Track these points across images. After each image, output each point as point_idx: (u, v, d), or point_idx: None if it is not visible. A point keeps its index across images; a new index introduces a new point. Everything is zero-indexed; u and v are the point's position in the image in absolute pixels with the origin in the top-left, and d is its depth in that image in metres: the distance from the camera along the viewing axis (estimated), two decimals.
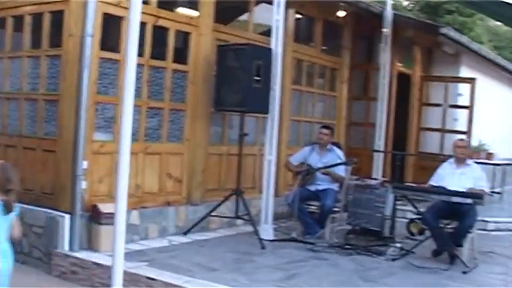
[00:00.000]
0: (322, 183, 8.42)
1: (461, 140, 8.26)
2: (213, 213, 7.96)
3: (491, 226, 10.05)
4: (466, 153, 7.88)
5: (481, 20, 27.02)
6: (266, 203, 8.05)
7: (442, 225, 7.40)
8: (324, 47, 10.86)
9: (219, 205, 7.94)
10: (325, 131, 8.64)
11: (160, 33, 7.50)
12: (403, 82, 12.04)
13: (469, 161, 7.93)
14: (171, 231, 7.72)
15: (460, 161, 7.83)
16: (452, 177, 7.69)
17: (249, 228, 7.92)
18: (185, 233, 7.78)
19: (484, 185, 7.64)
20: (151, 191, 7.54)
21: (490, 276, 6.82)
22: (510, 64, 16.31)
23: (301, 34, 10.34)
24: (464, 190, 7.36)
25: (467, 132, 11.78)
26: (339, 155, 8.60)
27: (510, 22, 8.94)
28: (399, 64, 12.00)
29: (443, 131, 12.32)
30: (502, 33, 30.39)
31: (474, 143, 12.78)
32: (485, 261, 7.55)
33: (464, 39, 12.15)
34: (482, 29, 29.10)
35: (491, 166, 13.01)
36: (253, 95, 7.66)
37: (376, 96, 11.30)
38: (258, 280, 5.89)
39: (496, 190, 12.97)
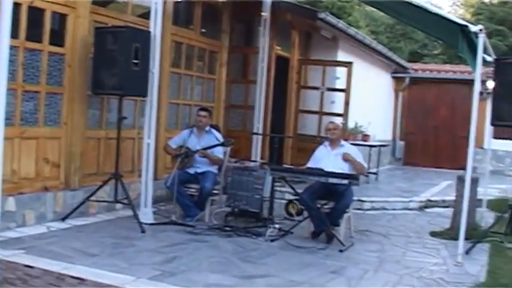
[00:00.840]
0: (201, 166, 8.48)
1: (332, 122, 8.49)
2: (91, 198, 7.85)
3: (367, 205, 10.50)
4: (337, 134, 8.13)
5: (359, 5, 27.76)
6: (145, 187, 8.01)
7: (319, 206, 7.64)
8: (203, 30, 10.88)
9: (97, 189, 7.84)
10: (203, 113, 8.69)
11: (36, 14, 7.26)
12: (281, 65, 12.27)
13: (343, 142, 8.22)
14: (49, 218, 7.54)
15: (334, 142, 8.09)
16: (328, 159, 7.93)
17: (129, 212, 7.88)
18: (63, 219, 7.62)
19: (361, 161, 7.95)
20: (28, 177, 7.33)
21: (365, 254, 7.11)
22: (386, 49, 16.95)
23: (180, 17, 10.32)
24: (340, 171, 7.64)
25: (344, 115, 12.21)
26: (217, 137, 8.68)
27: (388, 11, 9.31)
28: (278, 47, 12.21)
29: (321, 113, 12.68)
30: (379, 18, 31.32)
31: (351, 125, 13.26)
32: (361, 240, 7.88)
33: (341, 24, 12.49)
34: (360, 14, 29.89)
35: (367, 147, 13.56)
36: (131, 78, 7.58)
37: (255, 79, 11.47)
38: (139, 264, 5.88)
39: (372, 171, 13.55)
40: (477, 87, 6.84)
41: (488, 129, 7.99)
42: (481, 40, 6.65)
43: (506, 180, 14.45)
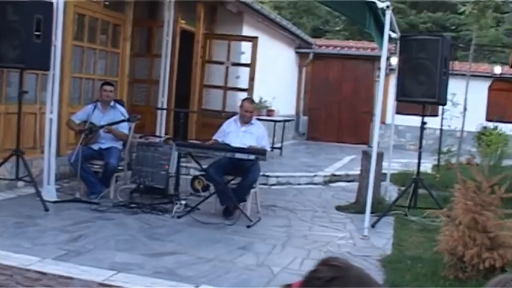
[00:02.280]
0: (105, 142, 8.33)
1: (249, 102, 8.43)
2: None
3: (272, 181, 10.58)
4: (250, 116, 8.14)
5: None
6: (48, 163, 7.76)
7: (226, 181, 7.66)
8: (107, 3, 10.60)
9: None
10: (108, 87, 8.50)
11: None
12: (186, 39, 12.15)
13: (254, 120, 8.25)
14: None
15: (245, 119, 8.10)
16: (237, 135, 7.96)
17: (31, 190, 7.64)
18: None
19: (265, 144, 8.02)
20: None
21: (273, 229, 7.19)
22: (290, 24, 17.06)
23: None
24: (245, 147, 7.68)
25: (249, 90, 12.22)
26: (122, 112, 8.52)
27: None
28: (183, 21, 12.07)
29: (225, 88, 12.66)
30: None
31: (255, 100, 13.30)
32: (268, 215, 7.96)
33: None
34: None
35: (272, 123, 13.67)
36: (33, 50, 7.30)
37: (160, 53, 11.28)
38: (43, 244, 5.72)
39: (277, 146, 13.68)
40: (383, 63, 6.98)
41: (392, 104, 8.18)
42: (388, 16, 6.78)
43: (407, 154, 14.90)
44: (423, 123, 7.99)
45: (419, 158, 8.19)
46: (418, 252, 6.28)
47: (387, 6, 6.79)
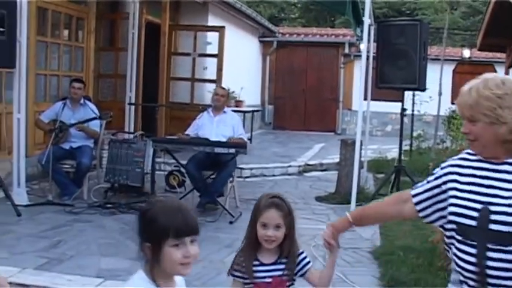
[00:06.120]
0: (76, 141, 8.03)
1: (221, 87, 8.43)
2: None
3: (246, 173, 10.36)
4: (223, 101, 8.00)
5: None
6: (18, 165, 7.39)
7: (205, 177, 7.43)
8: None
9: None
10: (77, 85, 8.17)
11: None
12: (152, 31, 11.83)
13: (226, 109, 8.07)
14: None
15: (218, 108, 7.93)
16: (211, 126, 7.79)
17: (0, 194, 7.25)
18: None
19: (242, 132, 7.86)
20: None
21: None
22: (254, 13, 16.83)
23: None
24: (224, 139, 7.46)
25: (217, 81, 11.96)
26: (92, 109, 8.21)
27: None
28: (148, 13, 11.73)
29: (193, 80, 12.40)
30: None
31: None
32: (248, 209, 7.57)
33: None
34: None
35: (241, 113, 13.42)
36: None
37: (125, 46, 10.95)
38: (20, 253, 5.39)
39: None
40: (365, 48, 6.84)
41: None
42: (368, 1, 6.64)
43: (375, 140, 14.79)
44: (403, 109, 7.86)
45: (401, 145, 8.06)
46: (408, 242, 6.11)
47: None
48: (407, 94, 9.50)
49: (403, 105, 7.80)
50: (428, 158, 10.49)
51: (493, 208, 2.26)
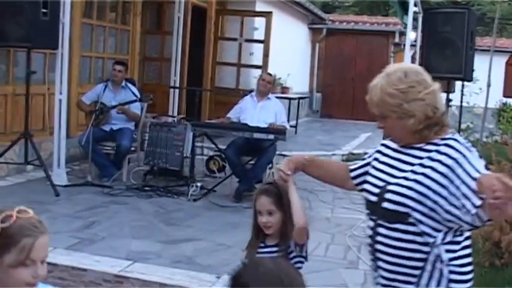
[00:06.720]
0: (117, 123, 8.05)
1: (269, 74, 8.35)
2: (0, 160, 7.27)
3: None
4: (269, 88, 7.93)
5: None
6: (58, 146, 7.46)
7: (243, 163, 7.37)
8: None
9: (6, 150, 7.20)
10: (118, 67, 8.17)
11: None
12: (198, 16, 11.80)
13: (270, 95, 7.99)
14: None
15: (263, 94, 7.86)
16: (254, 111, 7.73)
17: (41, 174, 7.29)
18: None
19: (284, 120, 7.78)
20: None
21: None
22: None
23: None
24: (265, 125, 7.39)
25: (263, 67, 11.88)
26: (134, 91, 8.20)
27: None
28: None
29: (239, 65, 12.33)
30: None
31: None
32: None
33: None
34: None
35: (287, 100, 13.34)
36: (40, 29, 6.94)
37: (171, 30, 10.92)
38: (54, 232, 5.38)
39: (291, 124, 13.36)
40: (408, 36, 6.67)
41: None
42: None
43: None
44: (448, 100, 7.63)
45: None
46: None
47: None
48: (457, 85, 9.26)
49: (448, 95, 7.58)
50: None
51: (387, 187, 2.38)
